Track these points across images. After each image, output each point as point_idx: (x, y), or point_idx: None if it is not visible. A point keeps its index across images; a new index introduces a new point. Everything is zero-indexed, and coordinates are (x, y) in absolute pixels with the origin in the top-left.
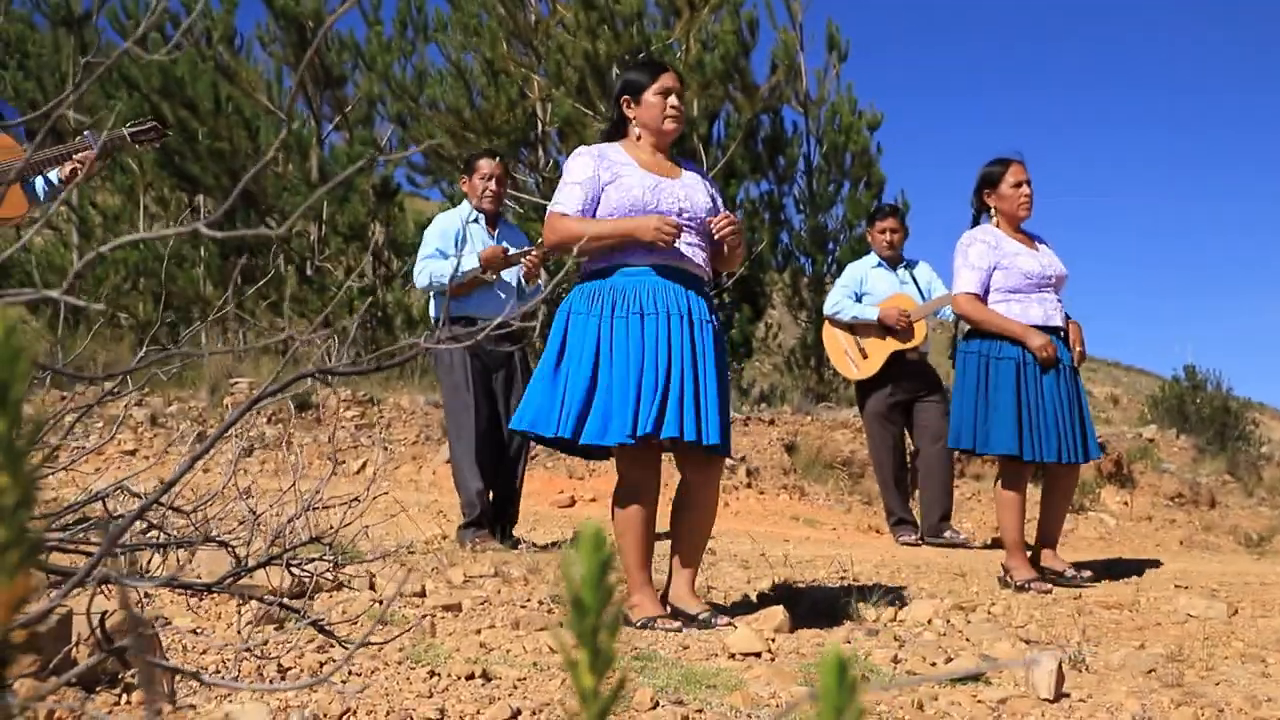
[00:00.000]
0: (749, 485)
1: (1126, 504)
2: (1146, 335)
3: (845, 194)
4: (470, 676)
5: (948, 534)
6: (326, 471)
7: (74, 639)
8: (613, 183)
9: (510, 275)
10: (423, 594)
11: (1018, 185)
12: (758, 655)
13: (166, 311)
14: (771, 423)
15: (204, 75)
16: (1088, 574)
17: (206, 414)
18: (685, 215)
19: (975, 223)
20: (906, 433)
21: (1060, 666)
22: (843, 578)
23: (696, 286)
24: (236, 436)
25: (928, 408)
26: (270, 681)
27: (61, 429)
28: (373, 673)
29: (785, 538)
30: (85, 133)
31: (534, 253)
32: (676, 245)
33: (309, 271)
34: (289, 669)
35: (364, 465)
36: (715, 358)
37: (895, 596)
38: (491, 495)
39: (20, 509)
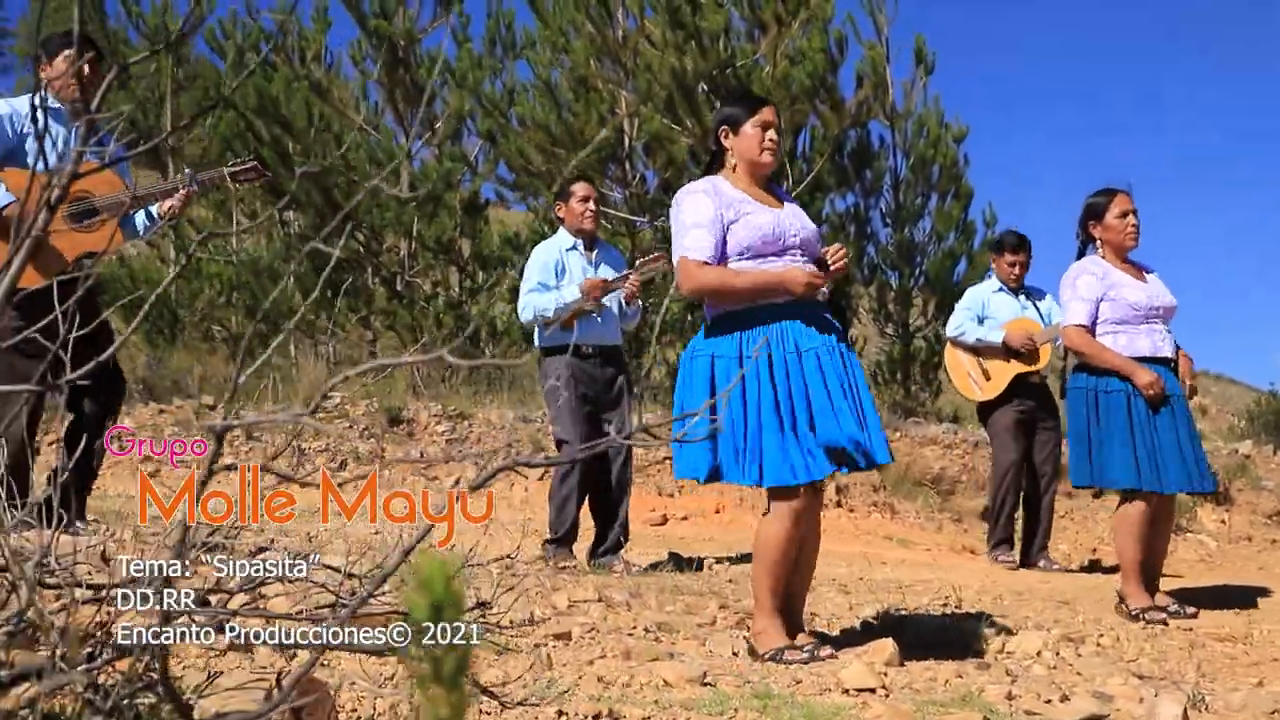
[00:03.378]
0: (839, 504)
1: (1223, 523)
2: (1235, 343)
3: (932, 207)
4: (597, 716)
5: (1042, 563)
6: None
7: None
8: (738, 220)
9: (610, 300)
10: (532, 621)
11: (1123, 215)
12: (872, 691)
13: (259, 324)
14: None
15: (298, 93)
16: (1192, 610)
17: (300, 428)
18: (804, 246)
19: (1081, 254)
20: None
21: (1185, 712)
22: (945, 605)
23: (824, 313)
24: (329, 451)
25: (1042, 435)
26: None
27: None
28: (501, 711)
29: (882, 559)
30: (186, 170)
31: (633, 277)
32: None
33: (399, 286)
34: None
35: (457, 481)
36: (862, 378)
37: (1001, 626)
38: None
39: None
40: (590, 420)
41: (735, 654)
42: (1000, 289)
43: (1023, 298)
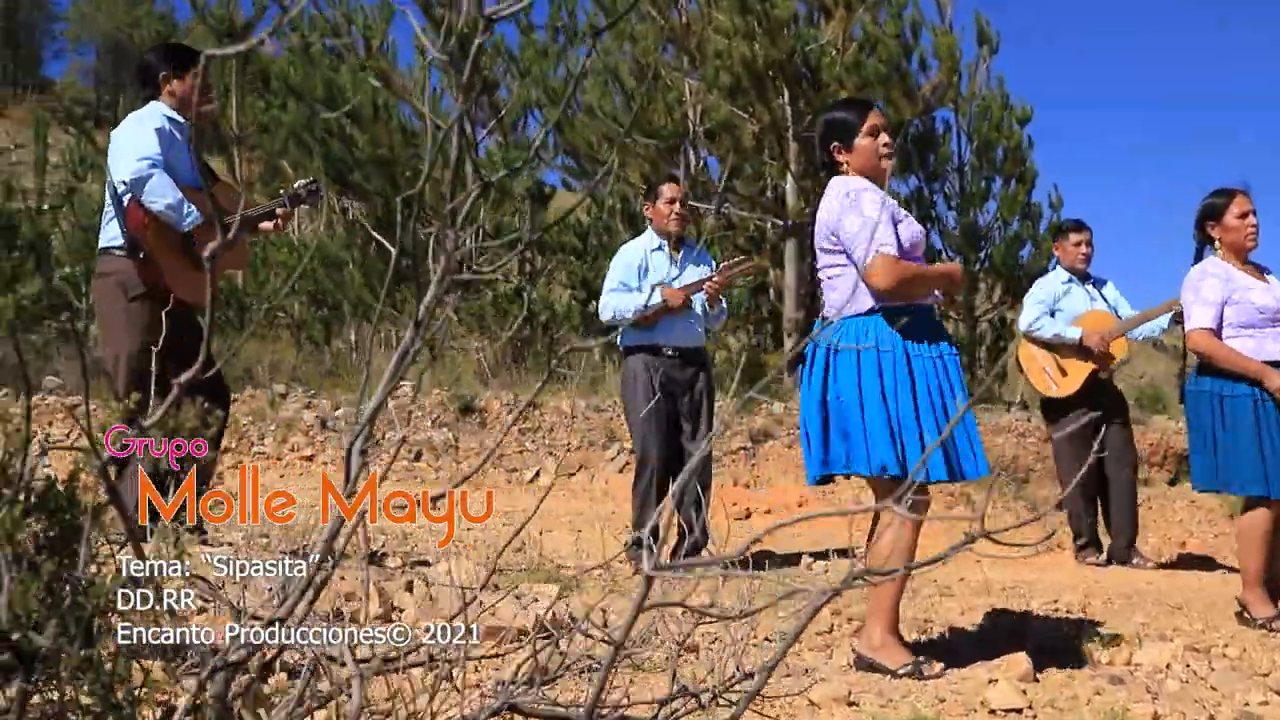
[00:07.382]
0: None
1: None
2: None
3: (997, 190)
4: None
5: (1135, 560)
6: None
7: None
8: (902, 221)
9: (693, 300)
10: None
11: (1243, 216)
12: (1019, 712)
13: (320, 310)
14: None
15: (364, 83)
16: None
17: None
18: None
19: (1198, 256)
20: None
21: None
22: (1056, 609)
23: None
24: (407, 441)
25: (1114, 431)
26: None
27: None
28: None
29: (974, 557)
30: (282, 193)
31: (716, 279)
32: None
33: (465, 274)
34: None
35: (537, 474)
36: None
37: (1120, 634)
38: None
39: None
40: (670, 421)
41: (864, 668)
42: (1070, 280)
43: (1090, 287)
